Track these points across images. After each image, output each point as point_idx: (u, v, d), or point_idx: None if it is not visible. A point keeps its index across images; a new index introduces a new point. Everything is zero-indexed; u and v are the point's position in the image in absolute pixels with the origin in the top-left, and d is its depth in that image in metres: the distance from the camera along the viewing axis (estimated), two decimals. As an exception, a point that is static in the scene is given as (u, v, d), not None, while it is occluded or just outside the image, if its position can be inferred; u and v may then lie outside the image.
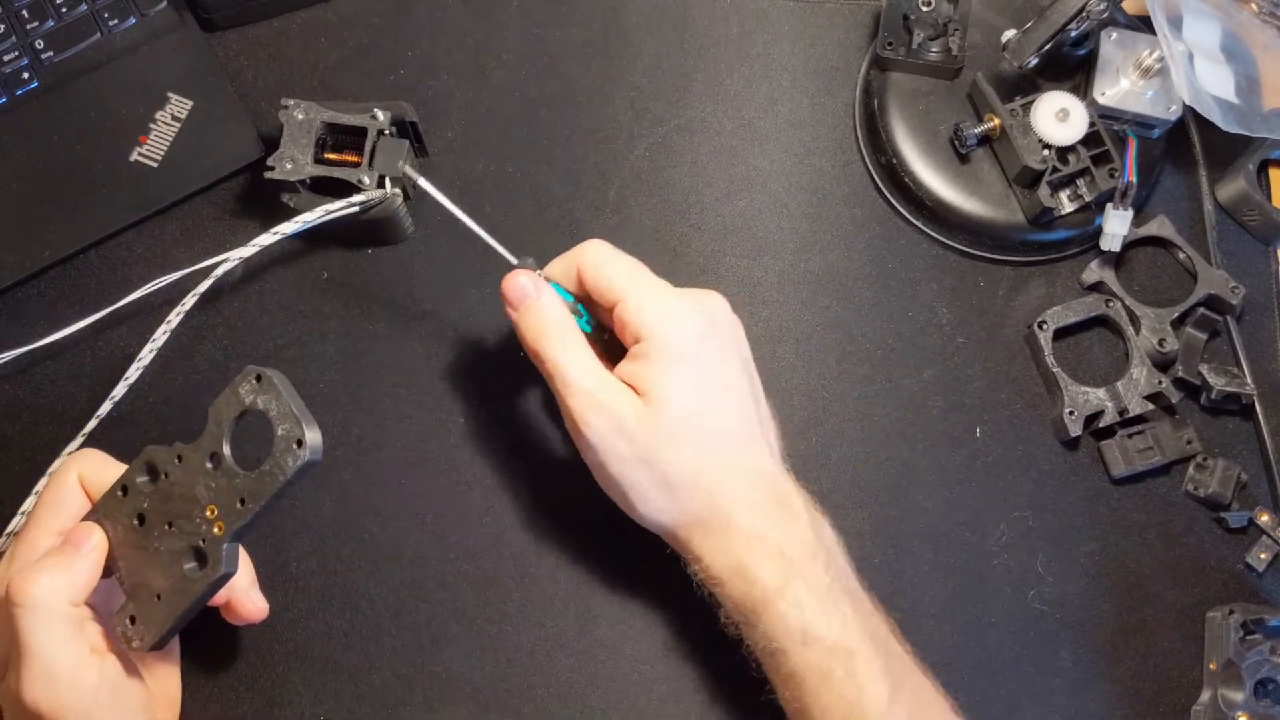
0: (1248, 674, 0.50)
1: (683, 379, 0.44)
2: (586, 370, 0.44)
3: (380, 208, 0.52)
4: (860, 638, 0.43)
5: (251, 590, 0.46)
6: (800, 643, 0.42)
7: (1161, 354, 0.55)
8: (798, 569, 0.43)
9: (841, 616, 0.43)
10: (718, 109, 0.59)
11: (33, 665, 0.39)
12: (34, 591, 0.39)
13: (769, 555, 0.43)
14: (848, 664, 0.42)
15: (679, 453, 0.44)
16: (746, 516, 0.44)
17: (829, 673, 0.42)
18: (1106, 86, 0.55)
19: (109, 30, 0.57)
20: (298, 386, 0.53)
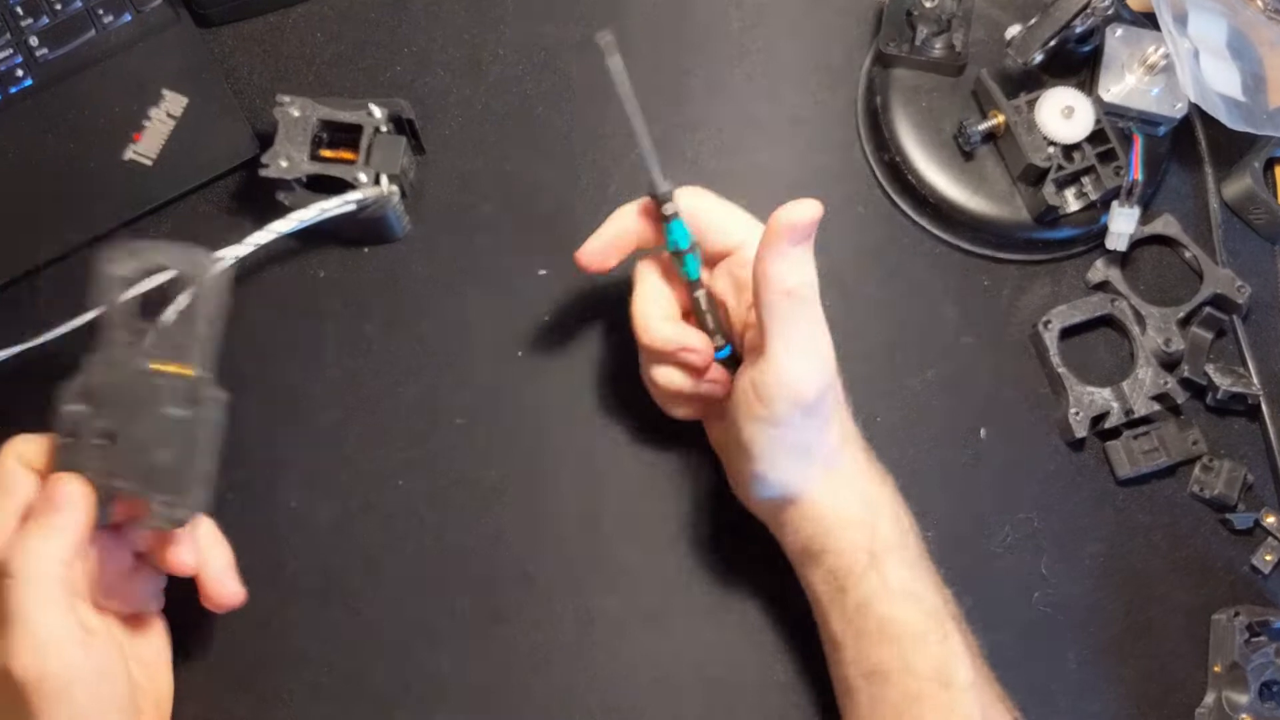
0: (1253, 676, 0.49)
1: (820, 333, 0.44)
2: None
3: (377, 205, 0.52)
4: (951, 613, 0.44)
5: (227, 574, 0.46)
6: (906, 598, 0.43)
7: (1167, 354, 0.54)
8: (905, 533, 0.45)
9: (936, 586, 0.45)
10: (719, 106, 0.59)
11: (22, 632, 0.39)
12: (22, 558, 0.39)
13: (884, 514, 0.45)
14: (942, 629, 0.43)
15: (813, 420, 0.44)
16: (867, 479, 0.46)
17: (924, 634, 0.43)
18: (1112, 83, 0.55)
19: (103, 27, 0.57)
20: (294, 386, 0.54)
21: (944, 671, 0.42)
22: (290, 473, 0.52)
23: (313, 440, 0.53)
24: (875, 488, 0.46)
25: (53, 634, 0.40)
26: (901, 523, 0.45)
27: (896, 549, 0.44)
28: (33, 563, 0.40)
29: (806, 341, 0.43)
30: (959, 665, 0.43)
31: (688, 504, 0.52)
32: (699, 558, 0.52)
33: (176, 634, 0.49)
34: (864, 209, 0.57)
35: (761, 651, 0.51)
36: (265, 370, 0.54)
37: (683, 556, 0.52)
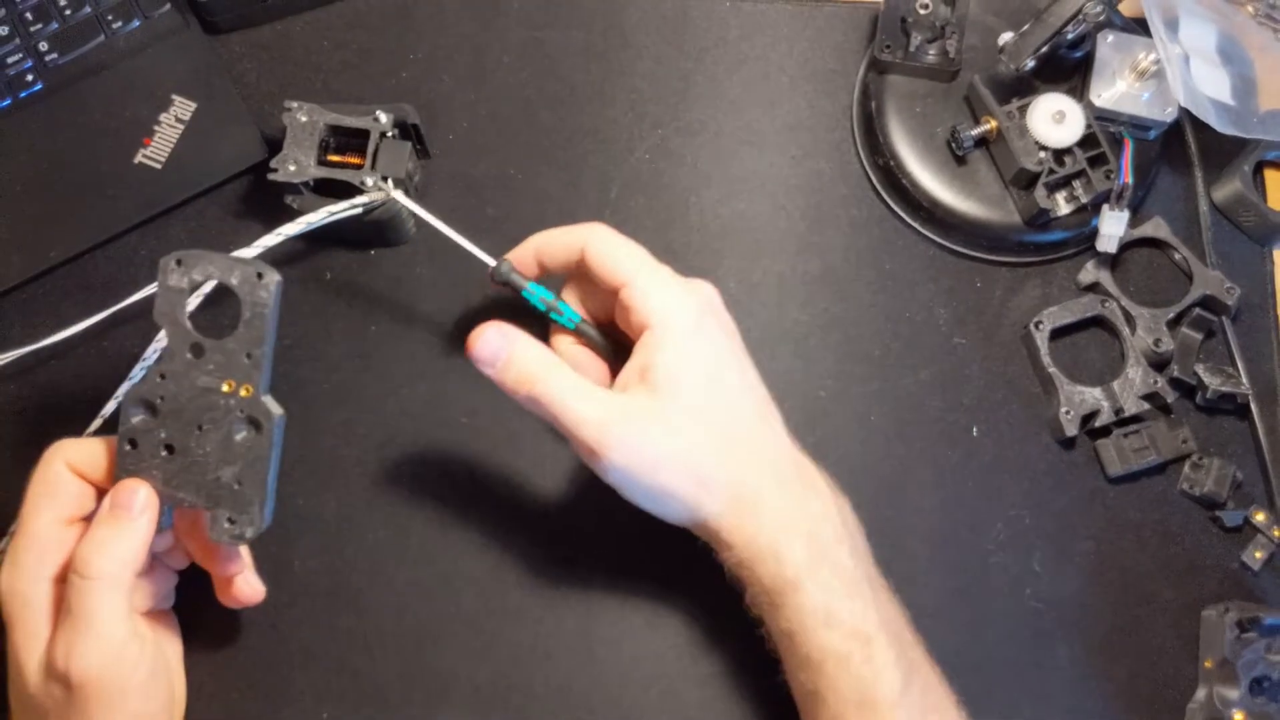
0: (1243, 671, 0.50)
1: (696, 362, 0.44)
2: (589, 397, 0.43)
3: (383, 209, 0.52)
4: (879, 624, 0.43)
5: (250, 572, 0.47)
6: (823, 624, 0.42)
7: (1157, 354, 0.55)
8: (826, 551, 0.44)
9: (863, 601, 0.43)
10: (717, 111, 0.59)
11: (89, 635, 0.40)
12: (100, 564, 0.40)
13: (799, 536, 0.43)
14: (865, 649, 0.42)
15: (705, 440, 0.44)
16: (775, 497, 0.44)
17: (847, 657, 0.42)
18: (1103, 89, 0.56)
19: (113, 33, 0.57)
20: (301, 386, 0.54)
21: (869, 692, 0.42)
22: (297, 472, 0.53)
23: (320, 440, 0.53)
24: (796, 504, 0.44)
25: (117, 638, 0.40)
26: (821, 538, 0.44)
27: (812, 570, 0.43)
28: (106, 565, 0.40)
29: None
30: (885, 682, 0.42)
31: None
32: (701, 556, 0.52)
33: (186, 636, 0.49)
34: (858, 212, 0.58)
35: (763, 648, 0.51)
36: (273, 370, 0.54)
37: (684, 554, 0.52)
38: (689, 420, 0.43)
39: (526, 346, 0.44)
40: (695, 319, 0.45)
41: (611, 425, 0.43)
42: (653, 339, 0.44)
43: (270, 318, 0.40)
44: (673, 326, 0.44)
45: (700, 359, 0.44)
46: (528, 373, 0.44)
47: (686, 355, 0.44)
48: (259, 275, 0.40)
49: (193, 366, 0.41)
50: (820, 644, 0.43)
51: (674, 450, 0.43)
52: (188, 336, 0.41)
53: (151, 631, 0.44)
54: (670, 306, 0.44)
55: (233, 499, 0.42)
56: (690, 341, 0.44)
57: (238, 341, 0.41)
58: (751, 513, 0.44)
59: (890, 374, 0.56)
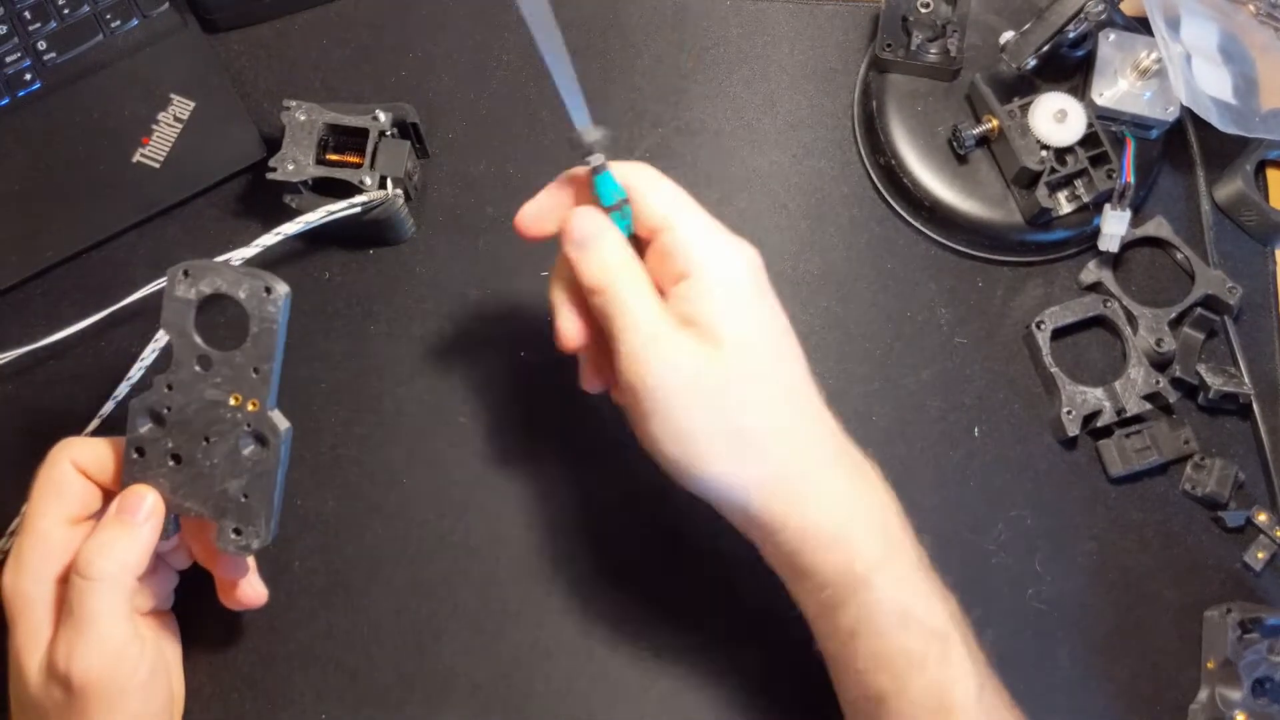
0: (1245, 672, 0.50)
1: (750, 316, 0.40)
2: (653, 311, 0.39)
3: (382, 208, 0.52)
4: (951, 623, 0.40)
5: (252, 575, 0.47)
6: (898, 624, 0.39)
7: (1159, 354, 0.55)
8: (897, 543, 0.40)
9: (938, 598, 0.40)
10: (717, 110, 0.59)
11: (90, 637, 0.39)
12: (102, 566, 0.40)
13: (869, 525, 0.40)
14: (942, 648, 0.39)
15: (753, 397, 0.39)
16: (837, 480, 0.40)
17: (924, 658, 0.39)
18: (1104, 87, 0.56)
19: (111, 31, 0.57)
20: (301, 386, 0.54)
21: (944, 697, 0.39)
22: (296, 472, 0.53)
23: (318, 439, 0.53)
24: (853, 492, 0.41)
25: (118, 639, 0.40)
26: (889, 529, 0.41)
27: (884, 564, 0.40)
28: (108, 567, 0.40)
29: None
30: (959, 687, 0.39)
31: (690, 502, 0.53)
32: (701, 553, 0.52)
33: (185, 636, 0.49)
34: (859, 211, 0.58)
35: (765, 648, 0.51)
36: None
37: (685, 552, 0.52)
38: (740, 372, 0.39)
39: (618, 242, 0.41)
40: (749, 273, 0.41)
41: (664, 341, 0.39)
42: (695, 288, 0.40)
43: (279, 332, 0.40)
44: (722, 274, 0.40)
45: (753, 312, 0.41)
46: (611, 263, 0.40)
47: (738, 306, 0.40)
48: (267, 290, 0.40)
49: (200, 378, 0.41)
50: (894, 644, 0.39)
51: (719, 396, 0.39)
52: (195, 349, 0.41)
53: (151, 632, 0.44)
54: (722, 253, 0.41)
55: (239, 511, 0.42)
56: (742, 293, 0.40)
57: (246, 355, 0.40)
58: (811, 494, 0.40)
59: (891, 373, 0.56)
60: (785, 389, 0.41)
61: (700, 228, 0.41)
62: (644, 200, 0.42)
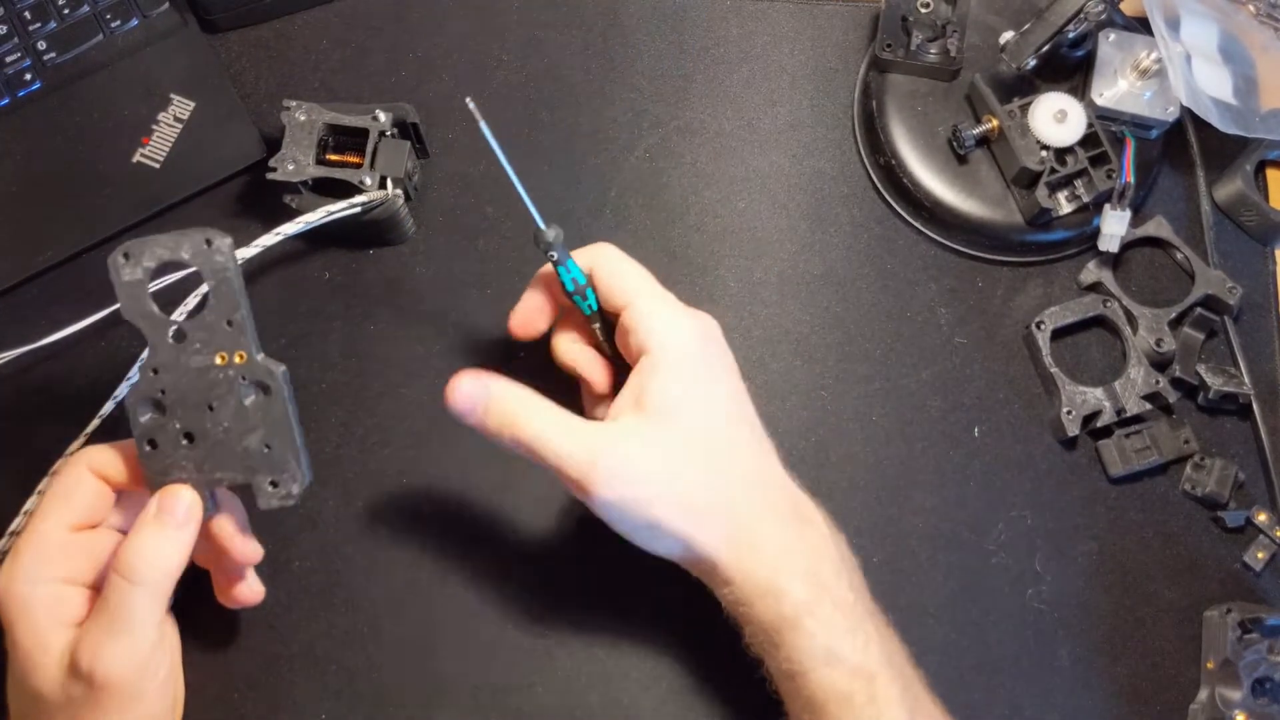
0: (1245, 672, 0.50)
1: (693, 389, 0.43)
2: (574, 431, 0.42)
3: (382, 208, 0.52)
4: (881, 660, 0.42)
5: (249, 573, 0.47)
6: (824, 663, 0.41)
7: (1159, 354, 0.55)
8: (826, 587, 0.42)
9: (865, 637, 0.42)
10: (717, 110, 0.59)
11: (122, 636, 0.40)
12: (148, 569, 0.40)
13: (798, 573, 0.42)
14: (869, 688, 0.41)
15: (698, 471, 0.42)
16: (773, 532, 0.43)
17: (850, 696, 0.41)
18: (1104, 88, 0.56)
19: (111, 31, 0.57)
20: (300, 385, 0.54)
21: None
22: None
23: (318, 440, 0.53)
24: (790, 543, 0.43)
25: (149, 642, 0.41)
26: (820, 577, 0.43)
27: (810, 610, 0.42)
28: (150, 572, 0.40)
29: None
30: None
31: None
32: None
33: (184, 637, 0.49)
34: (859, 212, 0.58)
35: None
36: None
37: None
38: (684, 449, 0.42)
39: (503, 388, 0.43)
40: (697, 346, 0.44)
41: (599, 460, 0.41)
42: (650, 363, 0.43)
43: (234, 279, 0.39)
44: (672, 351, 0.43)
45: (698, 386, 0.43)
46: (508, 415, 0.42)
47: (683, 381, 0.43)
48: (208, 242, 0.39)
49: (180, 352, 0.41)
50: (822, 684, 0.41)
51: (667, 482, 0.42)
52: (164, 324, 0.40)
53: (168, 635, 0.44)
54: (671, 331, 0.43)
55: (268, 462, 0.41)
56: (688, 368, 0.43)
57: (213, 313, 0.40)
58: (749, 547, 0.42)
59: (891, 374, 0.56)
60: (728, 457, 0.43)
61: (657, 305, 0.44)
62: (608, 281, 0.45)
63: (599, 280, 0.46)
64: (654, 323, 0.44)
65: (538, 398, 0.43)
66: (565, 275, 0.46)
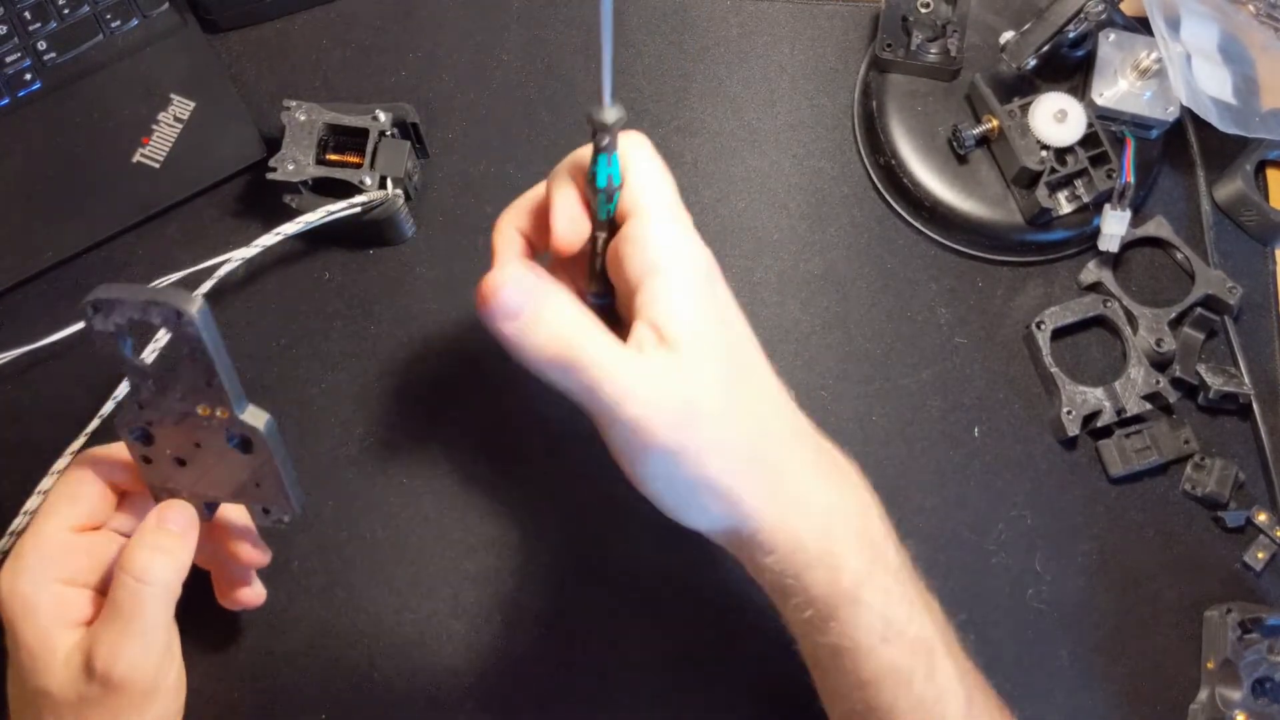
0: (1245, 672, 0.50)
1: (715, 315, 0.38)
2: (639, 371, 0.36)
3: (382, 208, 0.52)
4: (936, 632, 0.39)
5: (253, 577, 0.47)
6: (880, 639, 0.38)
7: (1159, 354, 0.55)
8: (879, 552, 0.39)
9: (919, 606, 0.39)
10: (717, 110, 0.59)
11: (136, 638, 0.40)
12: (159, 570, 0.40)
13: (851, 536, 0.38)
14: (928, 664, 0.39)
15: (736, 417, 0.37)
16: (818, 489, 0.38)
17: (910, 675, 0.38)
18: (1104, 87, 0.56)
19: (111, 31, 0.57)
20: (300, 385, 0.54)
21: (932, 710, 0.39)
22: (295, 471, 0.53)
23: (318, 440, 0.53)
24: (836, 501, 0.39)
25: (161, 642, 0.41)
26: (872, 540, 0.39)
27: (867, 579, 0.38)
28: (165, 574, 0.40)
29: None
30: (950, 701, 0.39)
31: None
32: (702, 554, 0.52)
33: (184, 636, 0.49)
34: (859, 211, 0.58)
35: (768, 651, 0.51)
36: (271, 370, 0.54)
37: (685, 552, 0.52)
38: (724, 395, 0.37)
39: (561, 301, 0.36)
40: (712, 274, 0.38)
41: (662, 403, 0.35)
42: (664, 286, 0.36)
43: (208, 346, 0.37)
44: (690, 275, 0.37)
45: (718, 314, 0.38)
46: (563, 333, 0.36)
47: (705, 308, 0.37)
48: (178, 314, 0.36)
49: (162, 394, 0.40)
50: (879, 661, 0.38)
51: (715, 429, 0.36)
52: (141, 372, 0.39)
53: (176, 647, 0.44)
54: (689, 253, 0.37)
55: (258, 495, 0.42)
56: (708, 294, 0.37)
57: (191, 373, 0.38)
58: (795, 509, 0.38)
59: (891, 374, 0.56)
60: (759, 400, 0.39)
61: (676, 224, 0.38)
62: (630, 176, 0.38)
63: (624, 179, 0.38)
64: (669, 242, 0.37)
65: (596, 320, 0.37)
66: (607, 168, 0.37)
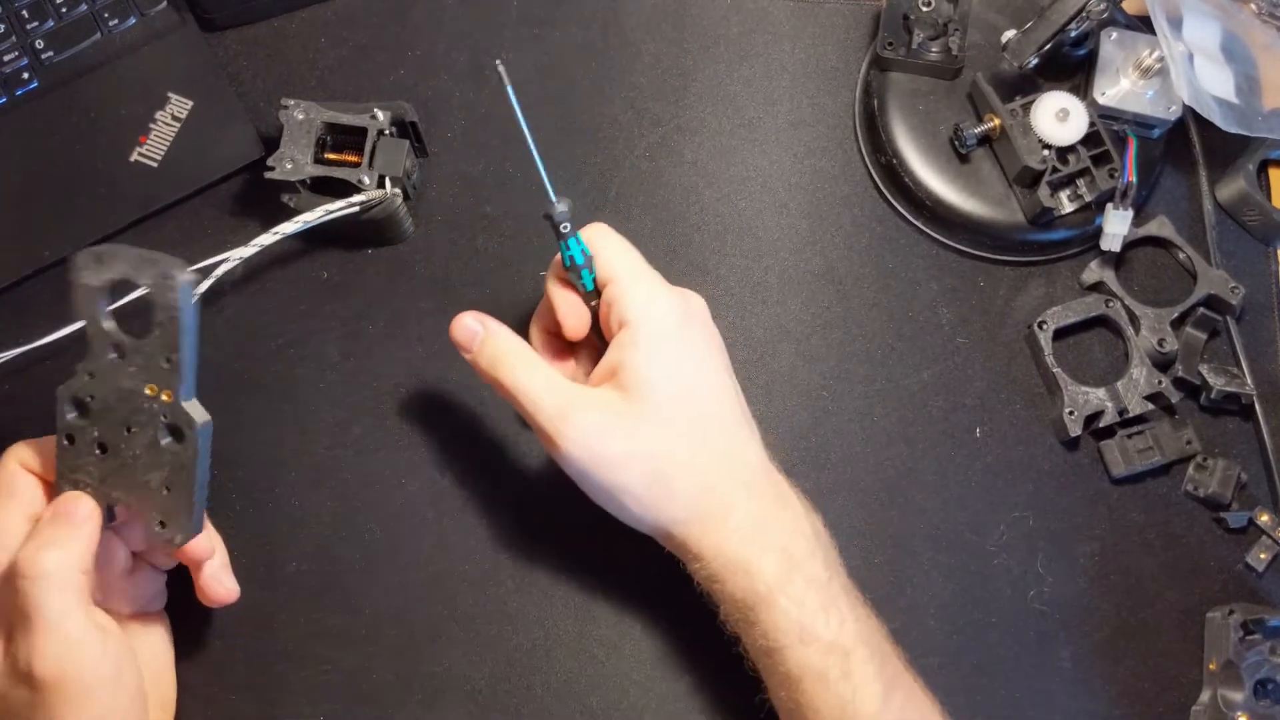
0: (1247, 674, 0.50)
1: (669, 364, 0.44)
2: (553, 386, 0.44)
3: (380, 208, 0.52)
4: (856, 637, 0.43)
5: (223, 572, 0.47)
6: (798, 640, 0.42)
7: (1161, 354, 0.55)
8: (799, 564, 0.43)
9: (839, 614, 0.43)
10: (717, 109, 0.59)
11: (45, 634, 0.39)
12: (44, 563, 0.40)
13: (770, 549, 0.43)
14: (844, 664, 0.42)
15: (670, 441, 0.43)
16: (745, 507, 0.44)
17: (825, 672, 0.42)
18: (1106, 86, 0.55)
19: (109, 30, 0.57)
20: (297, 385, 0.54)
21: (847, 709, 0.42)
22: (293, 472, 0.53)
23: (315, 440, 0.53)
24: (761, 520, 0.44)
25: (73, 634, 0.40)
26: (793, 551, 0.43)
27: (783, 586, 0.42)
28: (47, 564, 0.40)
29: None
30: (865, 698, 0.42)
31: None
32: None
33: (178, 633, 0.49)
34: (860, 211, 0.58)
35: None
36: (269, 370, 0.54)
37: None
38: (655, 422, 0.43)
39: (499, 331, 0.46)
40: (676, 322, 0.44)
41: (570, 414, 0.43)
42: (627, 337, 0.44)
43: (182, 321, 0.38)
44: (649, 327, 0.44)
45: (674, 362, 0.44)
46: (498, 356, 0.45)
47: (659, 357, 0.44)
48: (165, 276, 0.38)
49: (117, 366, 0.40)
50: (798, 661, 0.42)
51: (634, 449, 0.43)
52: (109, 336, 0.40)
53: (119, 627, 0.44)
54: (650, 306, 0.44)
55: (162, 504, 0.41)
56: (665, 344, 0.44)
57: (154, 345, 0.39)
58: (719, 523, 0.43)
59: (893, 374, 0.55)
60: (702, 430, 0.44)
61: (639, 281, 0.45)
62: (601, 260, 0.46)
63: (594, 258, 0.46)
64: (632, 298, 0.44)
65: (528, 349, 0.45)
66: (574, 248, 0.46)
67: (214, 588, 0.46)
